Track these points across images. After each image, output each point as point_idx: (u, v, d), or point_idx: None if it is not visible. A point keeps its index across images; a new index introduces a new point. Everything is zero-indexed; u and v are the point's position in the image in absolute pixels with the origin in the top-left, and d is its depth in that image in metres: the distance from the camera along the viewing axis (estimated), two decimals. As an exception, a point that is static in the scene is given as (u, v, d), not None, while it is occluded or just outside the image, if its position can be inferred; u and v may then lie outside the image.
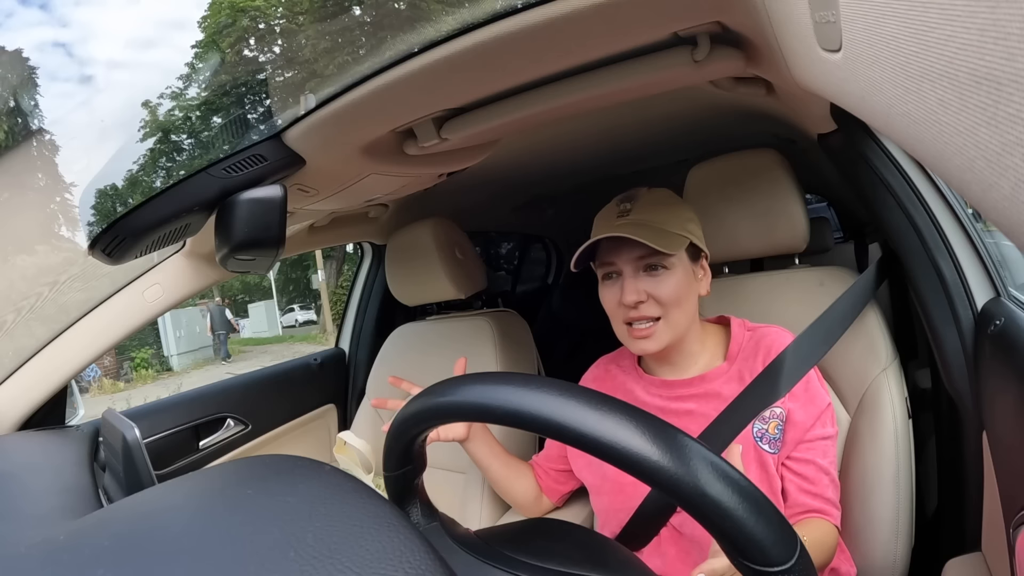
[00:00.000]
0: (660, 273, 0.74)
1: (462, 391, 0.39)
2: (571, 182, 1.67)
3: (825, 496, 0.72)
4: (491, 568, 0.41)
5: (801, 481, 0.73)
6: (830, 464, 0.74)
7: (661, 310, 0.74)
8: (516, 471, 0.97)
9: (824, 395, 0.76)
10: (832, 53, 0.31)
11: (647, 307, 0.74)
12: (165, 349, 12.52)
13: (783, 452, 0.74)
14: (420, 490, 0.49)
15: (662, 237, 0.72)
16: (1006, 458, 0.58)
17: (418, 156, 0.80)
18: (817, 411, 0.74)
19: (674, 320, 0.75)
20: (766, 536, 0.31)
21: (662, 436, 0.32)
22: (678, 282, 0.74)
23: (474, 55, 0.52)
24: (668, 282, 0.74)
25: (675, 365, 0.82)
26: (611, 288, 0.77)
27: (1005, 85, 0.16)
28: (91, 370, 10.38)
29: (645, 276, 0.75)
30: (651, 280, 0.74)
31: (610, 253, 0.76)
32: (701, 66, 0.56)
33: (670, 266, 0.74)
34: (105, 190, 10.03)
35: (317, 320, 17.45)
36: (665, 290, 0.74)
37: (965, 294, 0.74)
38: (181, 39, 23.35)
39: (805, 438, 0.74)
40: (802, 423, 0.74)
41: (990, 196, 0.19)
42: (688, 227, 0.76)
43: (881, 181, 0.81)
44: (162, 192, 0.66)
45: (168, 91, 13.35)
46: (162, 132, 12.94)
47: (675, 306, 0.74)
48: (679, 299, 0.75)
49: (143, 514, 0.30)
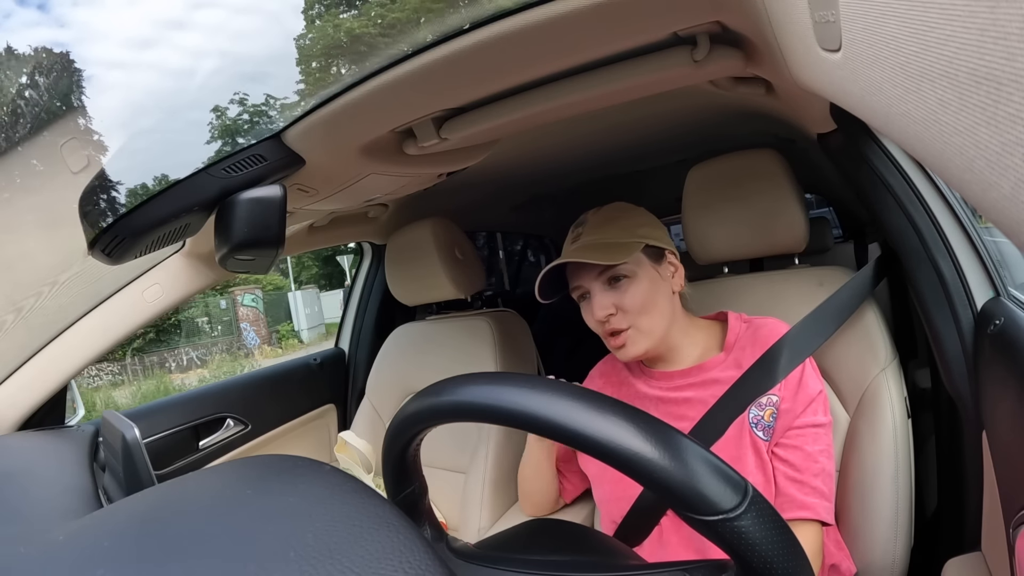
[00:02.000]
0: (623, 283, 0.78)
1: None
2: (571, 182, 1.67)
3: (811, 485, 0.72)
4: (492, 570, 0.41)
5: (787, 469, 0.73)
6: (821, 452, 0.74)
7: (629, 319, 0.78)
8: (554, 472, 0.99)
9: (816, 384, 0.77)
10: (832, 53, 0.31)
11: (616, 320, 0.78)
12: (295, 324, 13.96)
13: (773, 440, 0.75)
14: (427, 512, 0.49)
15: (611, 251, 0.76)
16: (1006, 457, 0.58)
17: (418, 156, 0.80)
18: (807, 399, 0.75)
19: (646, 325, 0.78)
20: (701, 483, 0.31)
21: (597, 406, 0.33)
22: (643, 288, 0.78)
23: (474, 55, 0.52)
24: (632, 290, 0.77)
25: (669, 360, 0.84)
26: (586, 307, 0.81)
27: (1005, 85, 0.16)
28: (252, 339, 12.66)
29: (611, 290, 0.78)
30: (616, 292, 0.78)
31: (575, 277, 0.81)
32: (701, 66, 0.56)
33: (630, 274, 0.78)
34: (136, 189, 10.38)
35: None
36: (630, 299, 0.77)
37: (965, 294, 0.74)
38: (180, 39, 23.46)
39: (794, 425, 0.74)
40: (791, 411, 0.74)
41: (990, 196, 0.19)
42: (639, 232, 0.79)
43: (881, 181, 0.81)
44: (162, 192, 0.66)
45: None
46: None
47: (643, 312, 0.78)
48: (646, 304, 0.78)
49: (143, 514, 0.30)
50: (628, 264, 0.77)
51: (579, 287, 0.81)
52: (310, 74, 13.84)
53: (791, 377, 0.76)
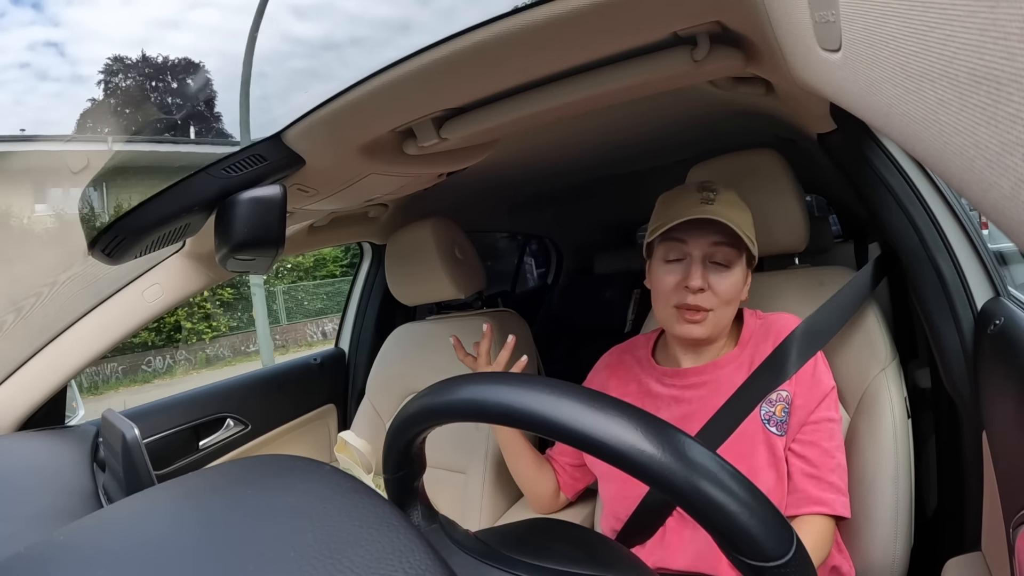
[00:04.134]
0: (724, 270, 0.77)
1: (461, 391, 0.39)
2: (571, 181, 1.67)
3: (828, 480, 0.73)
4: (492, 568, 0.41)
5: (804, 464, 0.73)
6: (836, 448, 0.75)
7: (715, 304, 0.76)
8: (543, 465, 0.98)
9: (828, 379, 0.78)
10: (832, 53, 0.31)
11: (705, 297, 0.76)
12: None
13: (789, 435, 0.75)
14: (421, 492, 0.49)
15: (740, 233, 0.75)
16: (1006, 457, 0.58)
17: (418, 156, 0.80)
18: (821, 394, 0.76)
19: (722, 316, 0.78)
20: (760, 531, 0.31)
21: (655, 433, 0.33)
22: (736, 281, 0.77)
23: (474, 55, 0.52)
24: (729, 279, 0.76)
25: (699, 354, 0.84)
26: (672, 269, 0.78)
27: (1005, 85, 0.16)
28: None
29: (710, 269, 0.77)
30: (715, 274, 0.76)
31: (685, 234, 0.77)
32: (701, 66, 0.56)
33: (733, 265, 0.77)
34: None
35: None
36: (724, 286, 0.76)
37: (965, 294, 0.74)
38: (174, 39, 23.38)
39: (809, 420, 0.75)
40: (806, 406, 0.75)
41: (990, 196, 0.18)
42: (750, 233, 0.79)
43: (881, 181, 0.81)
44: (162, 192, 0.66)
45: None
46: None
47: (728, 303, 0.77)
48: (732, 298, 0.77)
49: (143, 514, 0.30)
50: (741, 254, 0.77)
51: (684, 244, 0.77)
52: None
53: (804, 371, 0.77)
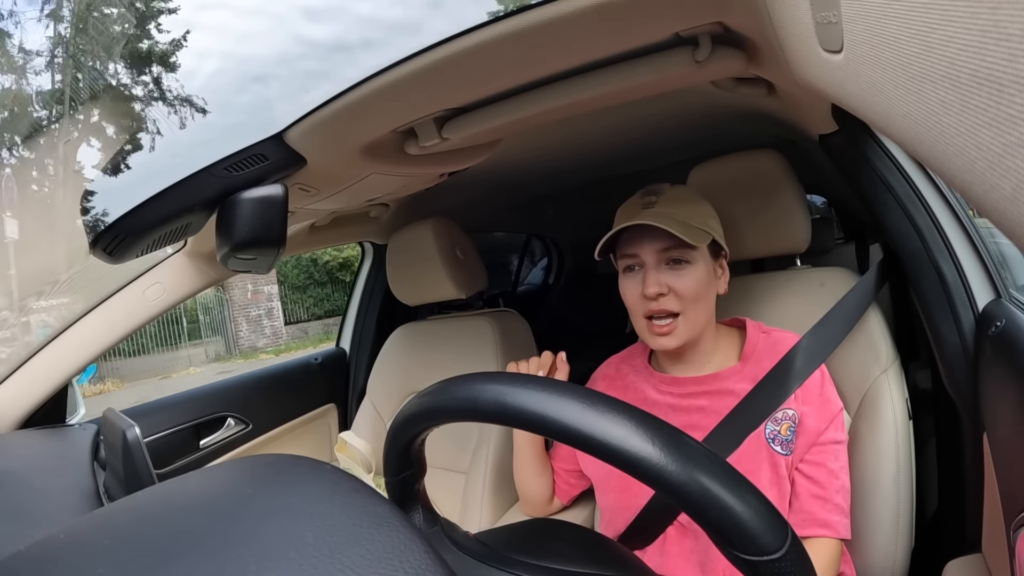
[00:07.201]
0: (682, 267, 0.74)
1: (461, 391, 0.39)
2: (572, 182, 1.67)
3: (834, 502, 0.72)
4: (492, 569, 0.41)
5: (811, 485, 0.72)
6: (841, 469, 0.73)
7: (680, 305, 0.74)
8: (544, 465, 0.96)
9: (837, 400, 0.76)
10: (833, 54, 0.31)
11: (667, 301, 0.74)
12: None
13: (796, 455, 0.73)
14: (422, 495, 0.48)
15: (687, 230, 0.71)
16: (1006, 459, 0.58)
17: (419, 156, 0.80)
18: (830, 415, 0.74)
19: (692, 317, 0.75)
20: (754, 524, 0.31)
21: (648, 428, 0.33)
22: (699, 278, 0.74)
23: (475, 55, 0.52)
24: (689, 277, 0.74)
25: (689, 363, 0.81)
26: (632, 280, 0.76)
27: (1007, 86, 0.16)
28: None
29: (667, 270, 0.74)
30: (673, 274, 0.74)
31: (633, 244, 0.75)
32: (702, 66, 0.56)
33: (692, 260, 0.74)
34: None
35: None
36: (686, 284, 0.73)
37: (966, 295, 0.74)
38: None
39: (818, 441, 0.73)
40: (815, 427, 0.73)
41: (991, 197, 0.18)
42: (709, 223, 0.76)
43: (882, 182, 0.81)
44: (163, 191, 0.66)
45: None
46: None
47: (694, 302, 0.74)
48: (699, 295, 0.74)
49: (143, 513, 0.30)
50: (695, 250, 0.74)
51: (634, 256, 0.75)
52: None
53: (812, 391, 0.75)
